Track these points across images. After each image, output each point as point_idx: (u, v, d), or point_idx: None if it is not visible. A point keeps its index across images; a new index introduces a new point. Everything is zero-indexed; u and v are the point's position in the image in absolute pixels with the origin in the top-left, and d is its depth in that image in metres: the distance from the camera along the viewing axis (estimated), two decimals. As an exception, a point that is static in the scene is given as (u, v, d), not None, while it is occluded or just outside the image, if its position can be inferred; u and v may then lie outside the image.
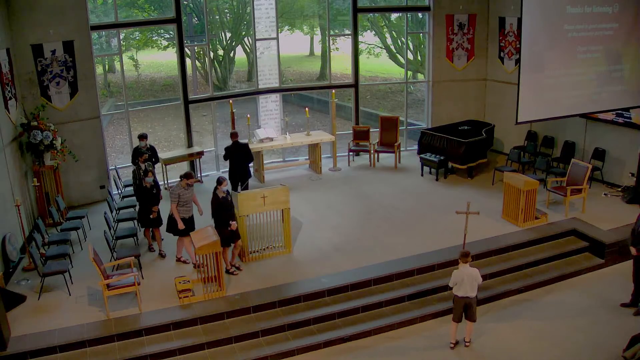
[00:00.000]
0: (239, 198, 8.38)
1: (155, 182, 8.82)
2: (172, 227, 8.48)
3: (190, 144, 12.24)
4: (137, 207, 9.21)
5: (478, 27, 13.40)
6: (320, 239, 9.26)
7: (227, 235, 8.04)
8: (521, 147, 12.27)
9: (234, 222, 8.08)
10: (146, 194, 8.68)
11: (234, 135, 10.40)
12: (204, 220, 8.79)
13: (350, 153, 13.08)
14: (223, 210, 8.05)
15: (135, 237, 9.10)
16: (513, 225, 9.53)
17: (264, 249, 8.83)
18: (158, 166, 12.05)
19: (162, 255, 8.87)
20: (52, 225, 9.67)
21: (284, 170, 12.74)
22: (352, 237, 9.34)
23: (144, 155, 9.53)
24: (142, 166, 9.16)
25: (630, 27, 10.03)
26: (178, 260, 8.67)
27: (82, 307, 7.55)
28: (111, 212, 9.88)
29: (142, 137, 10.24)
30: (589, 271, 8.84)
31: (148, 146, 10.26)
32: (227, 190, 8.26)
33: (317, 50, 25.16)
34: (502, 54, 13.15)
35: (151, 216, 8.71)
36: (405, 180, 11.90)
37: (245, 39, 20.30)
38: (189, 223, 8.48)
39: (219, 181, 8.07)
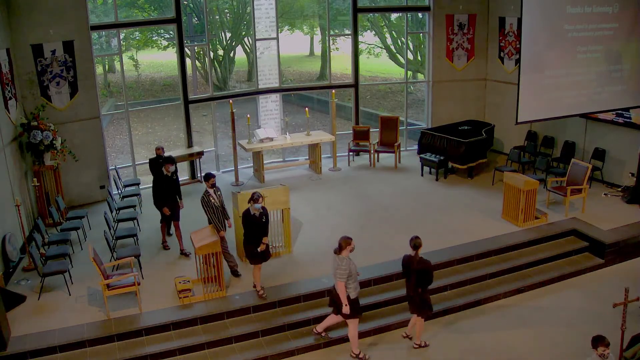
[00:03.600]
0: (239, 198, 8.36)
1: (264, 211, 7.62)
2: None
3: (190, 144, 12.24)
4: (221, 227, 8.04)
5: (478, 27, 13.40)
6: (320, 239, 9.26)
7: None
8: (521, 147, 12.26)
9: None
10: (254, 223, 7.48)
11: (158, 149, 9.73)
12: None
13: (350, 153, 13.08)
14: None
15: (135, 237, 9.09)
16: (513, 225, 9.52)
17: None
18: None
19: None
20: (52, 225, 9.67)
21: (284, 170, 12.74)
22: (352, 237, 9.30)
23: (166, 166, 8.79)
24: (211, 191, 8.00)
25: (630, 27, 10.03)
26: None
27: (82, 307, 7.55)
28: (111, 212, 9.88)
29: (159, 148, 9.75)
30: (589, 271, 8.84)
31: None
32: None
33: (317, 50, 25.16)
34: (502, 54, 13.15)
35: (259, 249, 7.51)
36: (405, 180, 11.90)
37: (245, 39, 20.30)
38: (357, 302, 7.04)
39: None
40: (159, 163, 9.14)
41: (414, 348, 7.13)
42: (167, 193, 8.88)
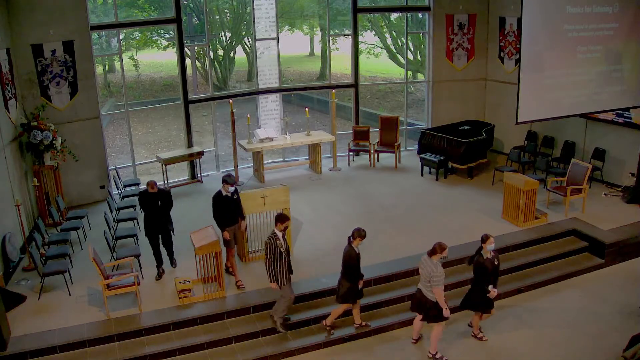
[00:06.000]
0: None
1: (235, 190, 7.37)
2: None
3: (190, 144, 12.24)
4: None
5: (478, 27, 13.40)
6: (320, 239, 9.26)
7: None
8: (521, 147, 12.26)
9: (493, 290, 6.81)
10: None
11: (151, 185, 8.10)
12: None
13: (350, 153, 13.08)
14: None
15: (135, 237, 9.09)
16: (513, 225, 9.52)
17: (264, 249, 8.80)
18: (158, 166, 12.08)
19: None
20: (52, 225, 9.67)
21: (284, 170, 12.74)
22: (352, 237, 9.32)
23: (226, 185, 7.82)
24: (280, 234, 6.99)
25: (630, 27, 10.02)
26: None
27: (82, 307, 7.55)
28: (111, 212, 9.88)
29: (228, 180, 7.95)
30: (589, 271, 8.84)
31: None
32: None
33: (317, 50, 25.16)
34: (502, 54, 13.15)
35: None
36: (405, 180, 11.90)
37: (245, 39, 20.30)
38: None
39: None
40: (149, 197, 8.02)
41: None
42: (228, 216, 7.94)
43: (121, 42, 12.55)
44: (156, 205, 8.04)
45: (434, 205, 10.54)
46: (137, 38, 20.80)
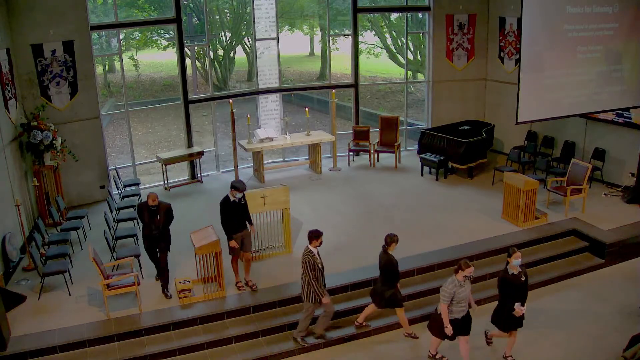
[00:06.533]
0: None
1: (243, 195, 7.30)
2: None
3: (190, 144, 12.24)
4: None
5: (478, 27, 13.40)
6: (320, 239, 9.25)
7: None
8: (521, 147, 12.26)
9: (519, 308, 6.46)
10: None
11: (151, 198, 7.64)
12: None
13: (350, 153, 13.08)
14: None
15: (135, 237, 9.09)
16: (513, 225, 9.52)
17: (264, 249, 8.83)
18: (158, 166, 12.08)
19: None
20: (52, 225, 9.67)
21: (284, 170, 12.74)
22: (352, 237, 9.34)
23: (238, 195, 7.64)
24: (315, 250, 6.88)
25: (630, 27, 10.02)
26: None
27: (82, 307, 7.55)
28: (111, 212, 9.87)
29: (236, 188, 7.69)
30: (589, 271, 8.84)
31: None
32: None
33: (317, 50, 25.18)
34: (502, 54, 13.14)
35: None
36: (405, 180, 11.89)
37: (245, 39, 20.31)
38: (462, 323, 6.56)
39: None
40: (148, 211, 7.61)
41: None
42: (236, 222, 7.72)
43: (121, 42, 12.55)
44: (154, 220, 7.59)
45: (434, 205, 10.54)
46: (137, 38, 20.82)
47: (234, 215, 7.66)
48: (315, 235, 6.86)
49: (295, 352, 7.12)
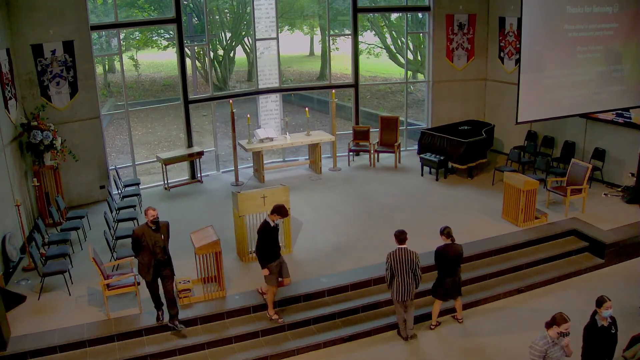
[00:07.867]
0: (239, 198, 8.36)
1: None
2: None
3: (190, 144, 12.24)
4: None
5: (478, 27, 13.40)
6: (320, 239, 9.26)
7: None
8: (521, 147, 12.27)
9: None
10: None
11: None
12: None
13: (350, 153, 13.08)
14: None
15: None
16: (513, 225, 9.52)
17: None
18: (158, 166, 12.08)
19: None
20: (52, 225, 9.67)
21: (284, 170, 12.74)
22: (352, 237, 9.34)
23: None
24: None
25: (630, 27, 10.03)
26: None
27: (82, 307, 7.55)
28: (111, 212, 9.87)
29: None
30: (589, 271, 8.84)
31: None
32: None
33: (317, 50, 25.19)
34: (502, 54, 13.15)
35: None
36: (405, 180, 11.90)
37: (245, 39, 20.32)
38: None
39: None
40: (146, 230, 6.81)
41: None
42: (274, 248, 7.22)
43: (121, 42, 12.55)
44: (158, 241, 6.82)
45: (434, 205, 10.54)
46: (137, 38, 20.84)
47: (274, 241, 7.17)
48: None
49: (295, 352, 7.12)
